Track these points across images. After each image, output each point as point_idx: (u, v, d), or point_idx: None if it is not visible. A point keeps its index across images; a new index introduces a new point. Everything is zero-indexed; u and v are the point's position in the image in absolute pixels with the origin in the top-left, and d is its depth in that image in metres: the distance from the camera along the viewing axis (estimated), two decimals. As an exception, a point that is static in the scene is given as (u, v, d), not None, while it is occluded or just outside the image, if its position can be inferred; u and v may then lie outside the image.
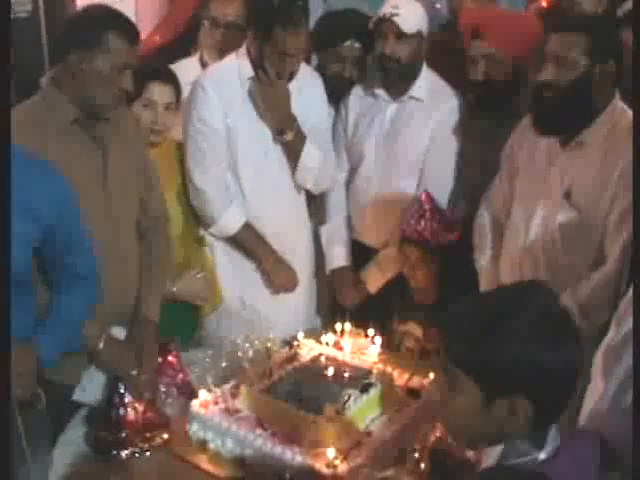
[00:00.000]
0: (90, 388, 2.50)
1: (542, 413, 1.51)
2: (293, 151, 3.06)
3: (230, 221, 3.06)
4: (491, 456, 1.55)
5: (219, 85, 2.97)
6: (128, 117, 2.69)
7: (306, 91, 3.08)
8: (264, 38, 2.85)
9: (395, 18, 2.98)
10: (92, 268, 2.33)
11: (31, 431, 2.17)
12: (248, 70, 2.96)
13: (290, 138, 3.01)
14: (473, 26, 2.96)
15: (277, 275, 3.13)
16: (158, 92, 2.89)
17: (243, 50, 3.00)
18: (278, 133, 3.01)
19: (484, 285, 2.76)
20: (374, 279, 3.17)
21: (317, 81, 3.16)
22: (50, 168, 2.18)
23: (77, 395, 2.50)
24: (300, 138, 3.03)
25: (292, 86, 3.00)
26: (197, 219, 3.11)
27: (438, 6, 3.90)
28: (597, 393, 1.87)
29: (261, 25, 2.86)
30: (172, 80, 2.95)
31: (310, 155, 3.06)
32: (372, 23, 3.09)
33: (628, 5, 3.21)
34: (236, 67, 2.99)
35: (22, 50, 6.38)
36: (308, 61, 3.40)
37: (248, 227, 3.08)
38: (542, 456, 1.52)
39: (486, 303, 1.59)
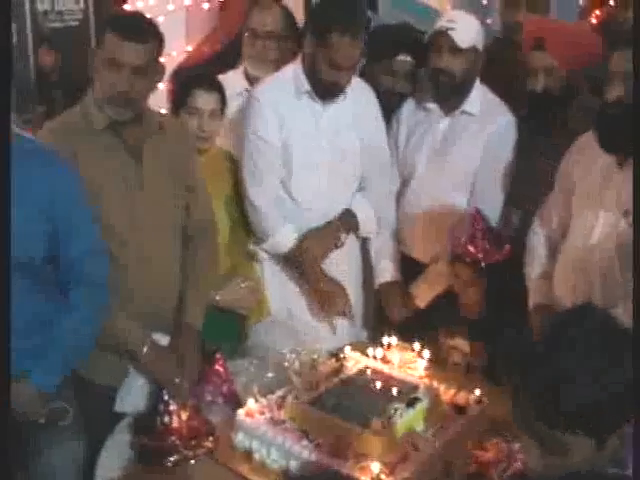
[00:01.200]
0: (128, 399, 2.53)
1: None
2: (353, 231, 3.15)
3: (283, 239, 3.03)
4: None
5: (274, 99, 2.97)
6: (171, 124, 2.71)
7: (361, 108, 3.08)
8: (319, 44, 2.84)
9: (451, 32, 2.97)
10: (102, 270, 2.35)
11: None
12: (304, 83, 2.96)
13: (346, 236, 3.11)
14: (536, 36, 2.94)
15: (331, 301, 3.03)
16: (203, 99, 2.93)
17: (298, 62, 3.00)
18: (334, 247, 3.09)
19: (535, 301, 2.74)
20: (423, 294, 3.13)
21: (371, 97, 3.14)
22: (63, 164, 2.25)
23: (117, 406, 2.52)
24: (348, 222, 3.11)
25: (344, 103, 3.01)
26: (246, 229, 3.11)
27: (489, 22, 3.90)
28: None
29: (318, 29, 2.86)
30: (216, 87, 2.98)
31: (365, 222, 3.15)
32: (427, 37, 3.08)
33: None
34: (291, 80, 2.99)
35: (72, 58, 6.51)
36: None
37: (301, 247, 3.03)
38: (628, 472, 1.54)
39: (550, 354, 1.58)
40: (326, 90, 2.96)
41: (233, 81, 3.24)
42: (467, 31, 3.01)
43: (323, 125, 3.02)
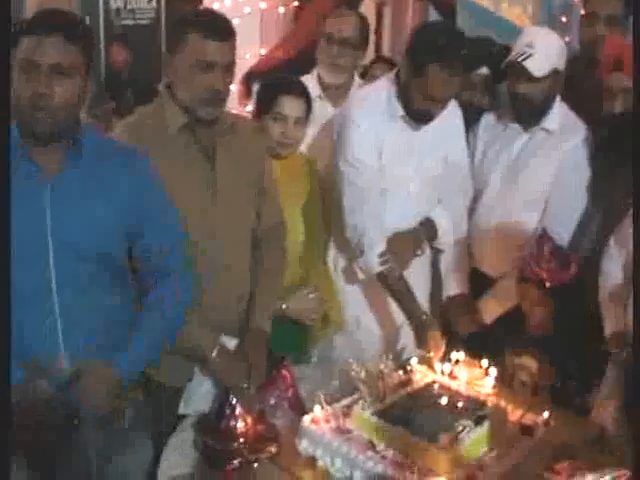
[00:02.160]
0: (193, 401, 2.54)
1: None
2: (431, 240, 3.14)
3: (378, 256, 2.94)
4: None
5: (371, 122, 2.92)
6: (244, 125, 2.70)
7: (448, 128, 3.06)
8: (415, 74, 2.80)
9: (527, 62, 2.92)
10: (183, 265, 2.33)
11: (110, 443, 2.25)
12: (398, 109, 2.93)
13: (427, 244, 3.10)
14: (616, 57, 2.90)
15: (423, 335, 2.87)
16: (289, 106, 2.90)
17: (392, 83, 2.96)
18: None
19: (611, 328, 2.69)
20: (491, 309, 3.10)
21: (459, 115, 3.12)
22: (146, 161, 2.27)
23: (182, 409, 2.53)
24: (429, 231, 3.08)
25: (434, 124, 2.97)
26: (321, 237, 3.11)
27: (567, 39, 3.85)
28: None
29: (415, 58, 2.80)
30: (304, 94, 2.96)
31: (444, 232, 3.11)
32: (505, 63, 3.02)
33: None
34: (385, 103, 2.95)
35: (143, 56, 6.60)
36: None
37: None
38: None
39: None
40: (419, 117, 2.93)
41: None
42: (546, 56, 2.95)
43: (415, 147, 3.01)
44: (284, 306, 2.88)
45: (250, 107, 4.21)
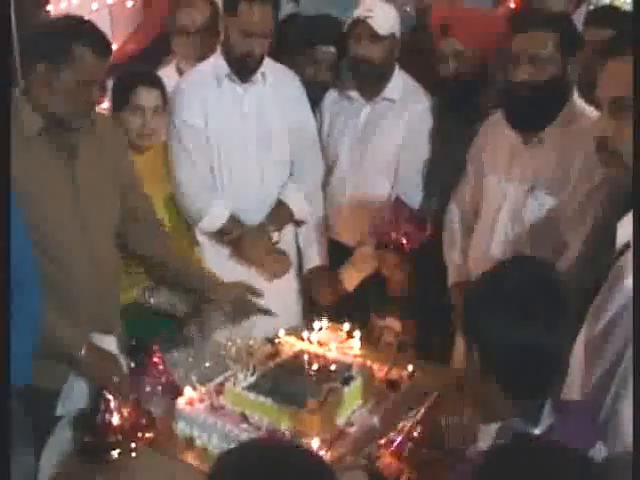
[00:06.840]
0: (69, 402, 2.52)
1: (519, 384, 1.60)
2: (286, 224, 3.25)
3: (216, 215, 3.09)
4: (488, 434, 1.63)
5: (197, 86, 3.06)
6: (103, 122, 2.69)
7: (284, 91, 3.16)
8: (230, 14, 2.94)
9: (369, 20, 3.03)
10: (32, 280, 2.24)
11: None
12: (223, 67, 3.05)
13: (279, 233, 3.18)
14: (443, 24, 3.02)
15: (269, 262, 3.16)
16: (146, 96, 2.95)
17: (219, 51, 3.09)
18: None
19: (453, 279, 2.83)
20: (351, 277, 3.20)
21: (294, 80, 3.22)
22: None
23: (59, 410, 2.52)
24: (281, 218, 3.20)
25: (265, 86, 3.10)
26: (187, 227, 3.16)
27: (407, 9, 3.97)
28: (577, 386, 1.82)
29: (229, 3, 2.96)
30: (158, 84, 3.01)
31: (298, 210, 3.22)
32: (346, 25, 3.14)
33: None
34: (212, 67, 3.08)
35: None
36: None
37: (233, 219, 3.12)
38: (537, 432, 1.59)
39: None
40: (242, 65, 3.03)
41: (166, 78, 3.21)
42: (385, 19, 3.08)
43: (245, 107, 3.11)
44: (152, 300, 2.92)
45: (105, 104, 4.19)
